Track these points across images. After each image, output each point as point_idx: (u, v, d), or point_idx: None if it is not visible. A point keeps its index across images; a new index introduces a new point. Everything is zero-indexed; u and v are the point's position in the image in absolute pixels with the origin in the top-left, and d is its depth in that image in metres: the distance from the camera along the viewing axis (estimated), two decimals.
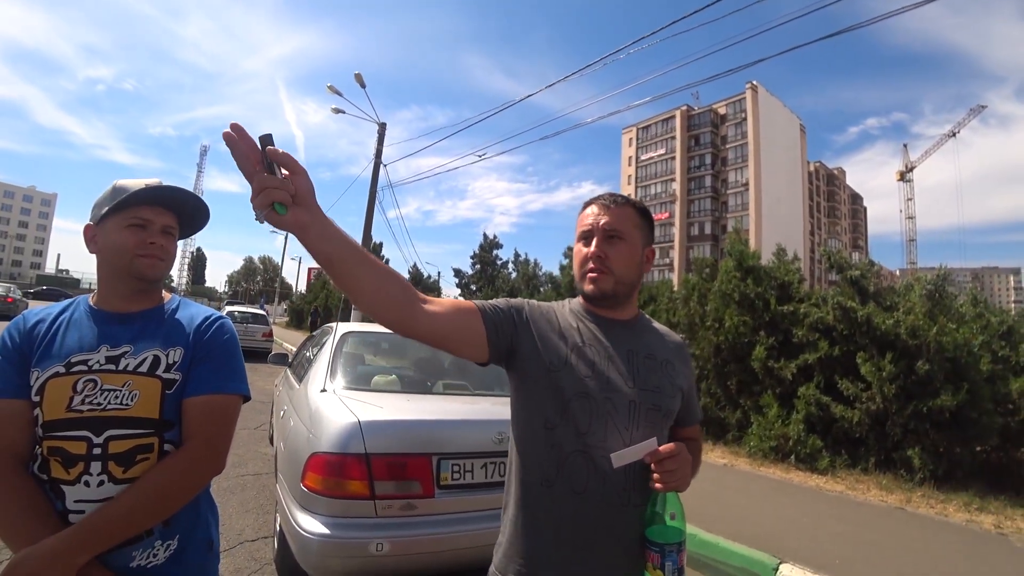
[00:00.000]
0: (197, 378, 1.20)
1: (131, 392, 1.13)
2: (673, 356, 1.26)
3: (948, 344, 5.34)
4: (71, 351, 1.14)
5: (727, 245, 8.10)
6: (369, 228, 15.76)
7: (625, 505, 1.11)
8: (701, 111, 65.71)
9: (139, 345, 1.18)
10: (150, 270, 1.20)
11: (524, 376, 1.18)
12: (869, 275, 6.60)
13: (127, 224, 1.19)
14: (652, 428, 1.15)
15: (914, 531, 4.07)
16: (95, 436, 1.10)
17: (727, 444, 6.85)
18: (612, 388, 1.14)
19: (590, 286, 1.19)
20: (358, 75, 14.38)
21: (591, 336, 1.20)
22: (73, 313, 1.22)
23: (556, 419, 1.13)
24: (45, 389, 1.11)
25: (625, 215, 1.21)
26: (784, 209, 61.09)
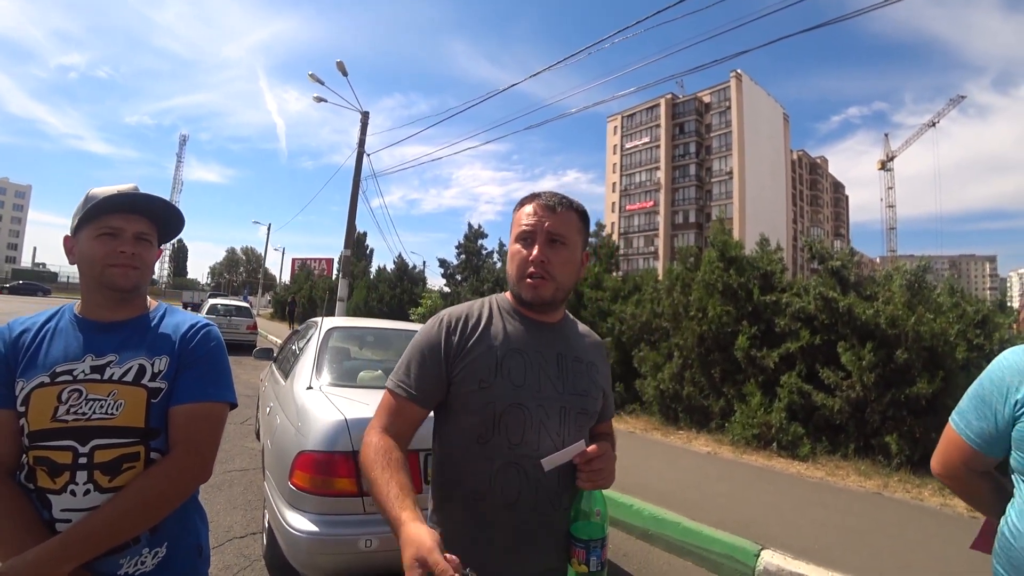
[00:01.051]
0: (183, 386, 1.20)
1: (116, 401, 1.13)
2: (595, 357, 1.29)
3: (926, 333, 5.46)
4: (56, 361, 1.14)
5: (711, 235, 8.17)
6: (353, 218, 15.63)
7: (556, 509, 1.13)
8: (686, 99, 65.89)
9: (124, 354, 1.18)
10: (121, 279, 1.18)
11: (454, 392, 1.16)
12: (850, 265, 6.70)
13: (98, 234, 1.18)
14: (580, 431, 1.18)
15: (891, 515, 4.18)
16: (80, 445, 1.10)
17: (710, 432, 6.95)
18: (544, 396, 1.14)
19: (530, 292, 1.17)
20: (340, 63, 14.18)
21: (521, 340, 1.18)
22: (58, 322, 1.22)
23: (489, 433, 1.12)
24: (30, 399, 1.11)
25: (569, 220, 1.19)
26: (768, 197, 61.68)
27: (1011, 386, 1.11)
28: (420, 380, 1.15)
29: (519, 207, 1.23)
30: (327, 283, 29.61)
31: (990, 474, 1.25)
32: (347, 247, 15.50)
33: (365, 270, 27.91)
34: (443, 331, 1.17)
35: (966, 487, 1.26)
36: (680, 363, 7.52)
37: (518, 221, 1.20)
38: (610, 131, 73.30)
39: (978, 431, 1.17)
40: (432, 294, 18.02)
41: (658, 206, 65.68)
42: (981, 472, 1.24)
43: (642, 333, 8.47)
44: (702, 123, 65.46)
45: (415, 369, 1.16)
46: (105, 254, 1.17)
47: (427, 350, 1.17)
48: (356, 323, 3.89)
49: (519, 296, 1.20)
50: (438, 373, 1.15)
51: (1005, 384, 1.12)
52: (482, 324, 1.19)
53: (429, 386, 1.15)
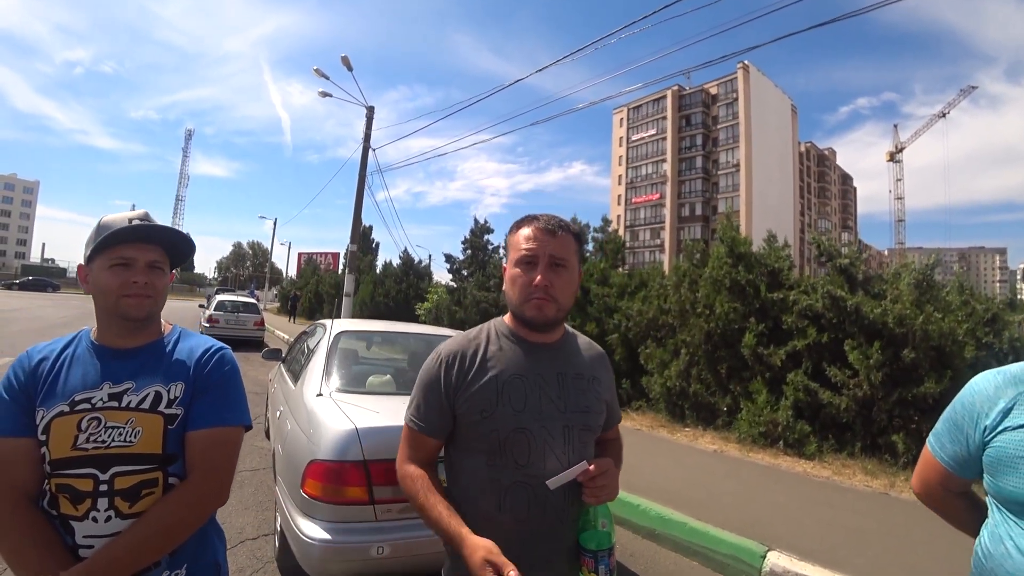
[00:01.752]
0: (199, 412, 1.22)
1: (134, 429, 1.16)
2: (598, 371, 1.32)
3: (934, 333, 5.44)
4: (74, 389, 1.16)
5: (719, 231, 8.14)
6: (359, 213, 15.65)
7: (564, 522, 1.18)
8: (692, 91, 65.37)
9: (141, 381, 1.20)
10: (135, 310, 1.20)
11: (460, 423, 1.22)
12: (858, 263, 6.67)
13: (111, 264, 1.19)
14: (585, 446, 1.23)
15: (897, 516, 4.18)
16: (101, 473, 1.13)
17: (717, 430, 6.96)
18: (546, 417, 1.19)
19: (534, 312, 1.20)
20: (344, 58, 14.16)
21: (520, 364, 1.22)
22: (76, 349, 1.24)
23: (496, 457, 1.17)
24: (51, 428, 1.13)
25: (567, 243, 1.23)
26: (775, 190, 61.24)
27: (981, 412, 1.13)
28: (428, 416, 1.22)
29: (516, 229, 1.27)
30: (333, 278, 29.70)
31: (967, 494, 1.28)
32: (353, 242, 15.53)
33: (371, 264, 27.97)
34: (441, 369, 1.23)
35: (944, 507, 1.30)
36: (687, 360, 7.52)
37: (517, 244, 1.24)
38: (616, 123, 72.87)
39: (952, 454, 1.20)
40: (438, 289, 18.05)
41: (664, 199, 65.36)
42: (958, 492, 1.27)
43: (648, 330, 8.47)
44: (709, 115, 64.96)
45: (423, 406, 1.23)
46: (119, 284, 1.18)
47: (430, 388, 1.23)
48: (365, 326, 3.91)
49: (522, 317, 1.23)
50: (442, 408, 1.21)
51: (975, 410, 1.14)
52: (480, 355, 1.23)
53: (437, 420, 1.22)
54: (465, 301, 14.99)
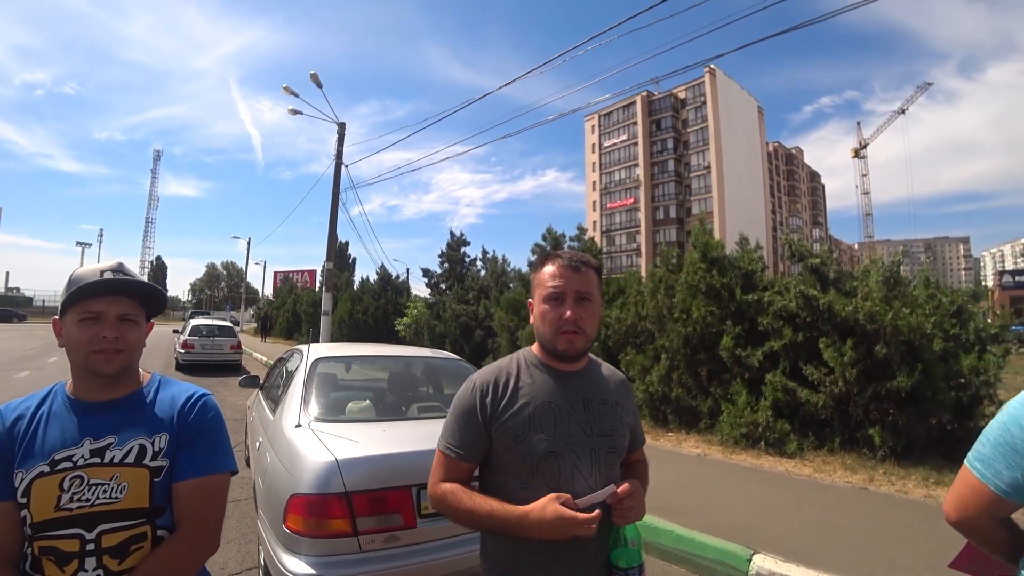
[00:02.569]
0: (185, 462, 1.20)
1: (120, 484, 1.13)
2: (621, 395, 1.39)
3: (903, 328, 5.59)
4: (54, 448, 1.13)
5: (692, 236, 8.26)
6: (334, 230, 15.54)
7: (593, 541, 1.23)
8: (661, 96, 66.38)
9: (123, 435, 1.17)
10: (105, 365, 1.17)
11: (495, 448, 1.28)
12: (829, 262, 6.83)
13: (80, 319, 1.17)
14: (611, 468, 1.30)
15: (877, 511, 4.27)
16: (87, 532, 1.10)
17: (700, 433, 7.03)
18: (575, 441, 1.25)
19: (566, 345, 1.28)
20: (314, 75, 14.10)
21: (549, 390, 1.29)
22: (51, 405, 1.20)
23: (528, 479, 1.23)
24: (31, 490, 1.09)
25: (591, 278, 1.31)
26: (746, 190, 62.39)
27: None
28: (465, 441, 1.28)
29: (540, 267, 1.35)
30: (311, 296, 29.35)
31: (1008, 520, 1.24)
32: (329, 259, 15.40)
33: (348, 281, 27.70)
34: (476, 396, 1.29)
35: (987, 535, 1.23)
36: (667, 365, 7.60)
37: (542, 282, 1.32)
38: (588, 130, 73.59)
39: (1009, 480, 1.11)
40: (418, 303, 17.94)
41: (638, 203, 66.06)
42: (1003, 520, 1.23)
43: (628, 337, 8.55)
44: (678, 119, 66.01)
45: (459, 432, 1.29)
46: (88, 339, 1.15)
47: (467, 415, 1.29)
48: (343, 353, 3.87)
49: (553, 350, 1.30)
50: (479, 433, 1.28)
51: None
52: (512, 383, 1.30)
53: (474, 444, 1.28)
54: (445, 315, 14.94)
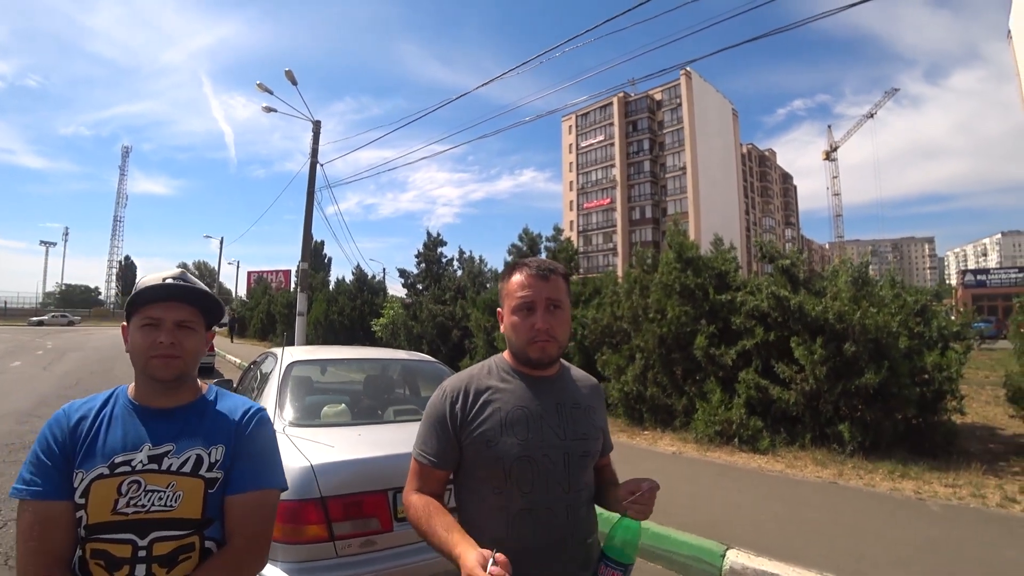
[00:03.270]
0: (239, 476, 1.20)
1: (175, 493, 1.14)
2: (592, 400, 1.40)
3: (871, 326, 5.75)
4: (114, 450, 1.14)
5: (667, 236, 8.36)
6: (309, 230, 15.33)
7: (569, 546, 1.24)
8: (637, 97, 67.01)
9: (181, 443, 1.18)
10: (162, 371, 1.18)
11: (467, 454, 1.27)
12: (799, 263, 6.99)
13: (141, 324, 1.19)
14: (584, 470, 1.31)
15: (846, 504, 4.39)
16: (140, 539, 1.10)
17: (675, 431, 7.13)
18: (548, 445, 1.25)
19: (538, 354, 1.28)
20: (289, 72, 13.90)
21: (522, 396, 1.29)
22: (114, 407, 1.21)
23: (502, 485, 1.23)
24: (90, 491, 1.10)
25: (560, 285, 1.31)
26: (720, 191, 63.35)
27: None
28: (437, 448, 1.27)
29: (508, 276, 1.34)
30: (285, 297, 28.93)
31: None
32: (304, 260, 15.19)
33: (324, 281, 27.37)
34: (447, 403, 1.29)
35: None
36: (642, 364, 7.68)
37: (512, 292, 1.31)
38: (565, 130, 73.92)
39: None
40: (394, 304, 17.83)
41: (615, 203, 66.59)
42: None
43: (604, 337, 8.62)
44: (654, 120, 66.71)
45: (431, 440, 1.28)
46: (147, 344, 1.17)
47: (437, 423, 1.28)
48: (316, 355, 3.83)
49: (526, 359, 1.30)
50: (450, 441, 1.27)
51: None
52: (483, 390, 1.30)
53: (446, 452, 1.27)
54: (421, 315, 14.87)
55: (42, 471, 1.11)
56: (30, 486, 1.09)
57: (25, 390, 10.54)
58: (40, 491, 1.09)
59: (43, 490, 1.09)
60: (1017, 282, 37.99)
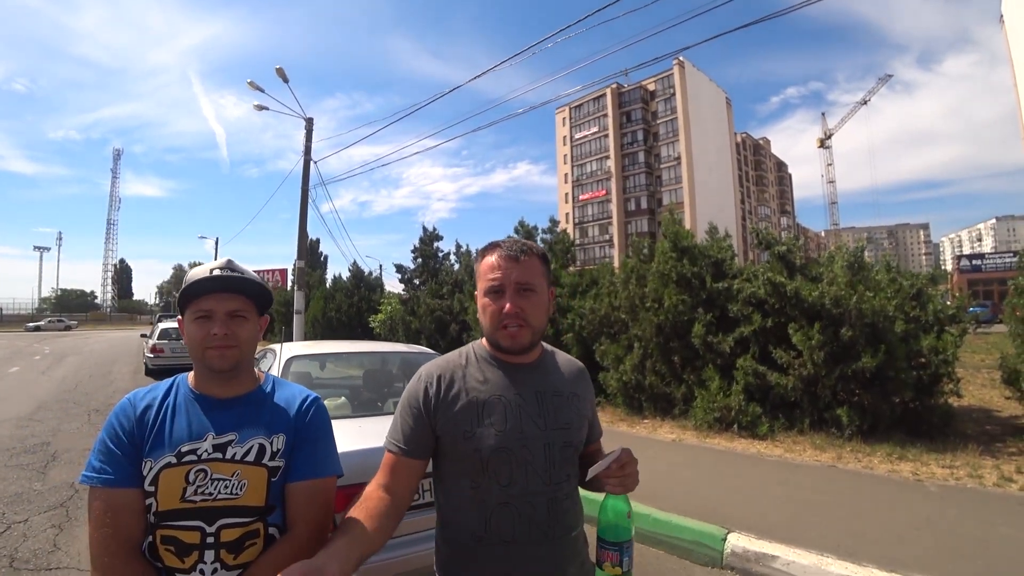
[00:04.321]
0: (299, 463, 1.23)
1: (240, 481, 1.16)
2: (577, 387, 1.34)
3: (867, 311, 5.78)
4: (181, 440, 1.16)
5: (663, 226, 8.38)
6: (304, 227, 15.30)
7: (551, 540, 1.20)
8: (631, 88, 66.85)
9: (243, 432, 1.21)
10: (218, 361, 1.20)
11: (442, 444, 1.23)
12: (795, 249, 7.01)
13: (194, 317, 1.21)
14: (567, 461, 1.25)
15: (844, 487, 4.43)
16: (208, 526, 1.13)
17: (675, 419, 7.17)
18: (527, 436, 1.20)
19: (509, 341, 1.21)
20: (280, 69, 13.84)
21: (499, 384, 1.23)
22: (176, 397, 1.24)
23: (479, 478, 1.18)
24: (159, 479, 1.13)
25: (533, 267, 1.24)
26: (715, 180, 63.39)
27: None
28: (409, 435, 1.22)
29: (481, 258, 1.27)
30: (282, 295, 28.86)
31: None
32: (300, 258, 15.17)
33: (321, 279, 27.33)
34: (422, 387, 1.24)
35: None
36: (640, 354, 7.71)
37: (483, 274, 1.24)
38: (559, 122, 73.75)
39: None
40: (391, 300, 17.81)
41: (610, 194, 66.54)
42: None
43: (602, 327, 8.64)
44: (648, 111, 66.58)
45: (403, 426, 1.23)
46: (202, 337, 1.19)
47: (411, 407, 1.23)
48: (316, 349, 3.84)
49: (497, 344, 1.24)
50: (424, 427, 1.21)
51: None
52: (460, 376, 1.24)
53: (419, 439, 1.21)
54: (419, 310, 14.87)
55: (112, 460, 1.13)
56: (101, 474, 1.12)
57: (24, 395, 10.53)
58: (111, 479, 1.12)
59: (114, 478, 1.12)
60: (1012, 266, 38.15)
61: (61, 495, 4.65)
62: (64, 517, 4.15)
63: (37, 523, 4.02)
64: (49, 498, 4.57)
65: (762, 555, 3.28)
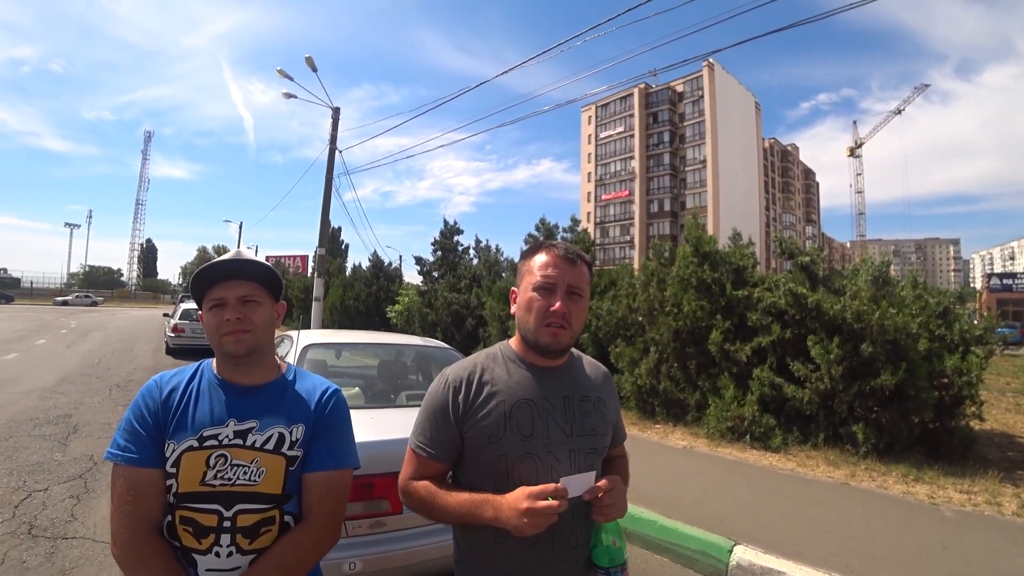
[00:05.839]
0: (317, 454, 1.25)
1: (259, 468, 1.19)
2: (603, 391, 1.34)
3: (889, 327, 5.65)
4: (203, 424, 1.19)
5: (685, 230, 8.29)
6: (327, 216, 15.49)
7: (573, 546, 1.19)
8: (659, 89, 66.20)
9: (264, 420, 1.23)
10: (233, 346, 1.22)
11: (467, 447, 1.23)
12: (819, 260, 6.89)
13: (209, 307, 1.25)
14: (591, 468, 1.24)
15: (857, 506, 4.34)
16: (225, 510, 1.16)
17: (687, 425, 7.11)
18: (553, 442, 1.20)
19: (549, 339, 1.21)
20: (309, 59, 13.98)
21: (527, 388, 1.23)
22: (200, 381, 1.27)
23: (504, 482, 1.17)
24: (181, 462, 1.16)
25: (584, 273, 1.26)
26: (740, 185, 62.53)
27: None
28: (436, 440, 1.23)
29: (531, 254, 1.28)
30: (302, 282, 29.21)
31: None
32: (321, 245, 15.34)
33: (341, 267, 27.56)
34: (449, 393, 1.23)
35: None
36: (656, 358, 7.65)
37: (533, 270, 1.25)
38: (584, 121, 73.35)
39: None
40: (409, 291, 17.92)
41: (633, 195, 66.08)
42: None
43: (618, 329, 8.59)
44: (675, 112, 65.89)
45: (430, 430, 1.24)
46: (217, 324, 1.22)
47: (438, 412, 1.23)
48: (332, 338, 3.88)
49: (535, 343, 1.23)
50: (451, 432, 1.22)
51: None
52: (487, 379, 1.24)
53: (446, 444, 1.23)
54: (436, 303, 14.94)
55: (136, 439, 1.17)
56: (125, 452, 1.15)
57: (49, 367, 10.83)
58: (135, 458, 1.15)
59: (138, 457, 1.15)
60: None
61: (80, 467, 4.78)
62: (82, 488, 4.27)
63: (56, 493, 4.14)
64: (69, 469, 4.70)
65: (768, 570, 3.25)
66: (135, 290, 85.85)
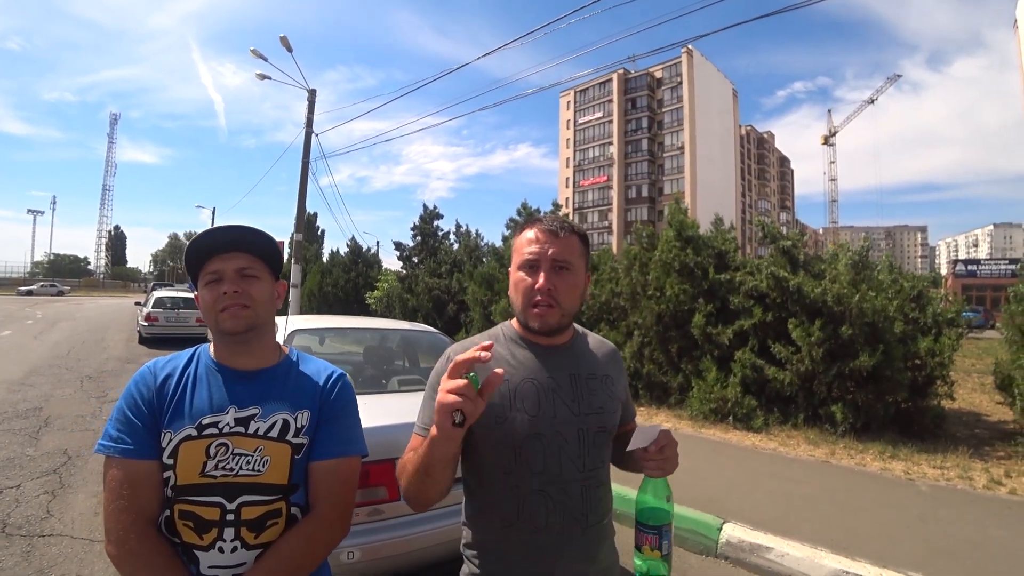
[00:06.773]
0: (323, 441, 1.18)
1: (263, 458, 1.12)
2: (610, 368, 1.29)
3: (868, 310, 5.78)
4: (201, 411, 1.11)
5: (668, 214, 8.33)
6: (303, 200, 15.18)
7: (585, 528, 1.15)
8: (638, 74, 66.24)
9: (267, 407, 1.16)
10: (230, 322, 1.14)
11: (474, 429, 1.14)
12: (799, 245, 6.99)
13: (205, 284, 1.16)
14: (601, 447, 1.20)
15: (837, 482, 4.46)
16: (228, 502, 1.08)
17: (670, 408, 7.20)
18: (560, 422, 1.15)
19: (537, 321, 1.16)
20: (283, 38, 13.61)
21: (531, 367, 1.18)
22: (197, 367, 1.18)
23: (511, 464, 1.13)
24: (178, 452, 1.08)
25: (572, 245, 1.18)
26: (717, 172, 63.17)
27: None
28: None
29: (519, 232, 1.22)
30: None
31: None
32: (298, 230, 15.07)
33: (318, 253, 27.18)
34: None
35: None
36: (639, 341, 7.72)
37: (519, 248, 1.19)
38: (563, 106, 73.12)
39: None
40: (388, 276, 17.76)
41: (611, 181, 66.30)
42: None
43: (601, 313, 8.63)
44: (654, 98, 66.08)
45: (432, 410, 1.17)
46: (213, 299, 1.14)
47: None
48: (318, 325, 3.80)
49: (526, 324, 1.19)
50: None
51: None
52: (492, 360, 1.19)
53: None
54: (417, 288, 14.83)
55: (130, 429, 1.09)
56: (118, 443, 1.07)
57: (16, 359, 10.47)
58: (129, 449, 1.07)
59: (132, 448, 1.07)
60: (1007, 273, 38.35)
61: (54, 461, 4.64)
62: (57, 484, 4.14)
63: (30, 489, 4.01)
64: (42, 464, 4.55)
65: (757, 546, 3.31)
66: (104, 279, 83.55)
